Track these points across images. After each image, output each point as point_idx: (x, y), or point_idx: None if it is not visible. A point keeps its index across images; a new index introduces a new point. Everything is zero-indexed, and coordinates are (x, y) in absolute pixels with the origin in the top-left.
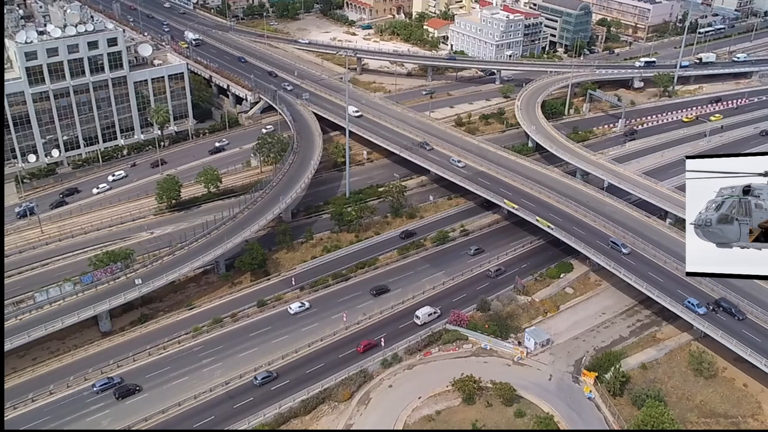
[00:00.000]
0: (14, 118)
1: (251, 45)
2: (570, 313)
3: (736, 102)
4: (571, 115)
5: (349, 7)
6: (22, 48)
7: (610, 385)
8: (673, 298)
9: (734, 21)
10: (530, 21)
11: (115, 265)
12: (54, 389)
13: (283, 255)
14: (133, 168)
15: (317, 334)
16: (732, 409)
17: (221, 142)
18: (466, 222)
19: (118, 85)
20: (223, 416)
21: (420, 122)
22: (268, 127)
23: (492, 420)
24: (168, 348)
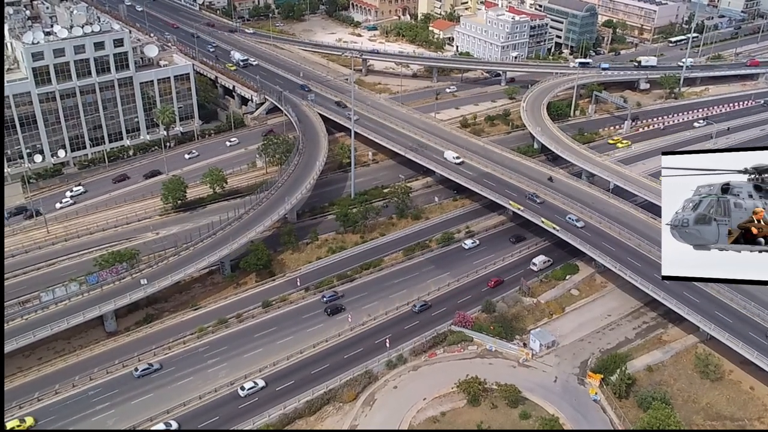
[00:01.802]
0: (21, 119)
1: (257, 46)
2: (575, 314)
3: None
4: (577, 116)
5: (355, 9)
6: (28, 48)
7: (615, 387)
8: (680, 300)
9: (741, 22)
10: (536, 22)
11: (120, 266)
12: (59, 389)
13: (289, 256)
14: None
15: (322, 335)
16: (738, 411)
17: (191, 154)
18: (471, 223)
19: (124, 85)
20: (227, 416)
21: (425, 123)
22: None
23: (497, 421)
24: (173, 348)
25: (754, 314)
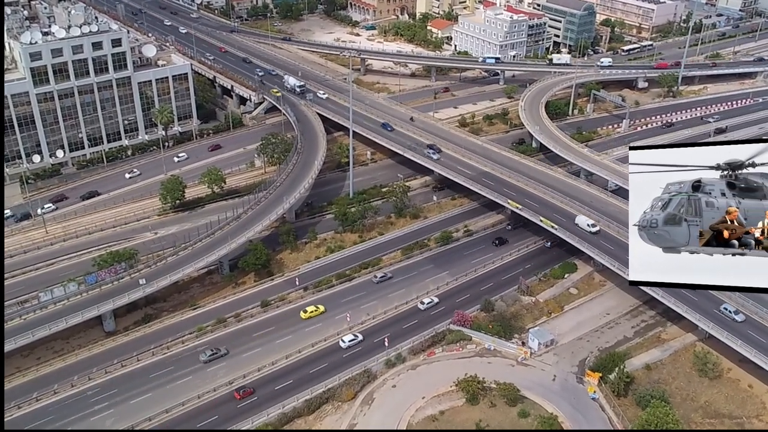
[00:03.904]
0: (19, 119)
1: (255, 46)
2: (574, 313)
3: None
4: (575, 115)
5: (353, 8)
6: (26, 48)
7: (614, 385)
8: (678, 298)
9: (739, 21)
10: (534, 21)
11: (119, 266)
12: (58, 389)
13: (287, 255)
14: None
15: (321, 334)
16: (737, 409)
17: (132, 173)
18: (470, 222)
19: (123, 85)
20: (226, 416)
21: (424, 123)
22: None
23: (496, 420)
24: (172, 348)
25: (753, 312)
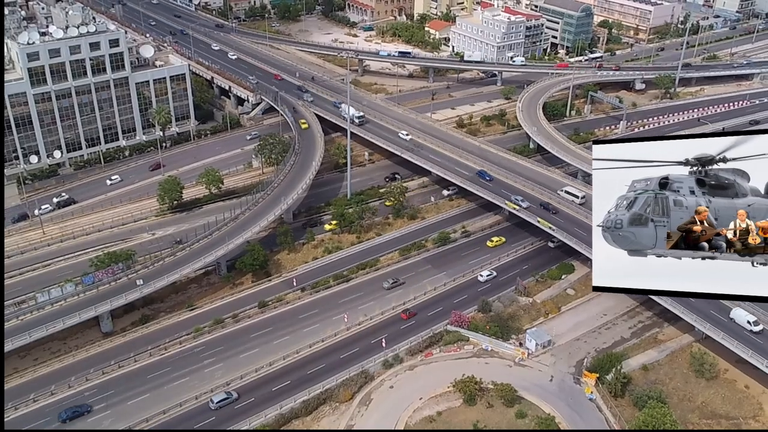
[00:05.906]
0: (16, 119)
1: (252, 47)
2: (571, 314)
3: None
4: (573, 116)
5: (351, 9)
6: (24, 49)
7: (611, 386)
8: (675, 299)
9: (735, 22)
10: (531, 23)
11: (116, 266)
12: (55, 390)
13: (285, 256)
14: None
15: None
16: (733, 410)
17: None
18: (467, 223)
19: (120, 86)
20: (223, 417)
21: (421, 123)
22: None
23: (493, 421)
24: (169, 348)
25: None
